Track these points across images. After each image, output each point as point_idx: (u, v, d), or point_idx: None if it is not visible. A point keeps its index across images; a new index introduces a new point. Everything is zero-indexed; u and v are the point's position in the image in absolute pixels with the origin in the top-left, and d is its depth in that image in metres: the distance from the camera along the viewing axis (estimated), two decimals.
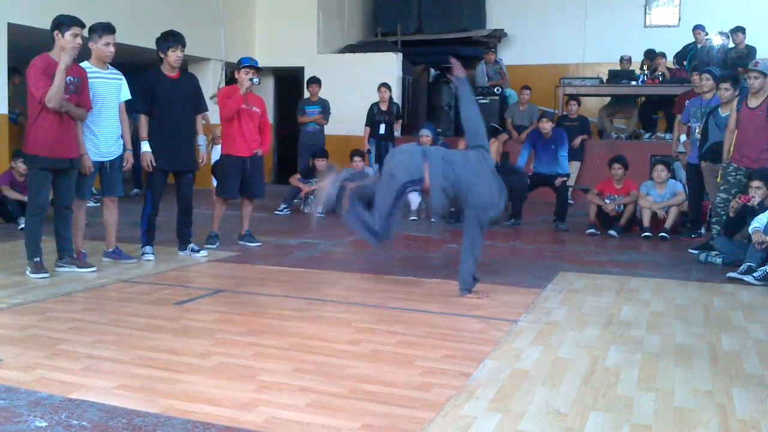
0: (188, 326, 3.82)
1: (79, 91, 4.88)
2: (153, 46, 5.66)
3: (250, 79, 6.10)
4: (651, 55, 11.56)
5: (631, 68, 11.70)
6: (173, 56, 5.51)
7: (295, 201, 9.09)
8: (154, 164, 5.51)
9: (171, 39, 5.52)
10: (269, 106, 12.65)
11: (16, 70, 8.87)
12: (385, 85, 10.08)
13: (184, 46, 5.55)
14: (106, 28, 5.16)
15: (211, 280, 5.11)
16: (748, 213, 5.66)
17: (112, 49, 5.17)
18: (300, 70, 12.13)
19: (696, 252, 6.21)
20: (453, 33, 13.45)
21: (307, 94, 10.31)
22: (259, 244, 6.46)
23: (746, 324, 4.04)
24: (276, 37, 12.61)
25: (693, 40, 11.17)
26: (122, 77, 5.40)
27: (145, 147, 5.50)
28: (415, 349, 3.46)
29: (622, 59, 11.77)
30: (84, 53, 5.18)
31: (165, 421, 2.55)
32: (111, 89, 5.26)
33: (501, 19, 13.70)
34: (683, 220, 7.46)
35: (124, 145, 5.41)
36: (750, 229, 5.38)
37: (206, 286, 4.84)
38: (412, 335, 3.72)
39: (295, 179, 9.15)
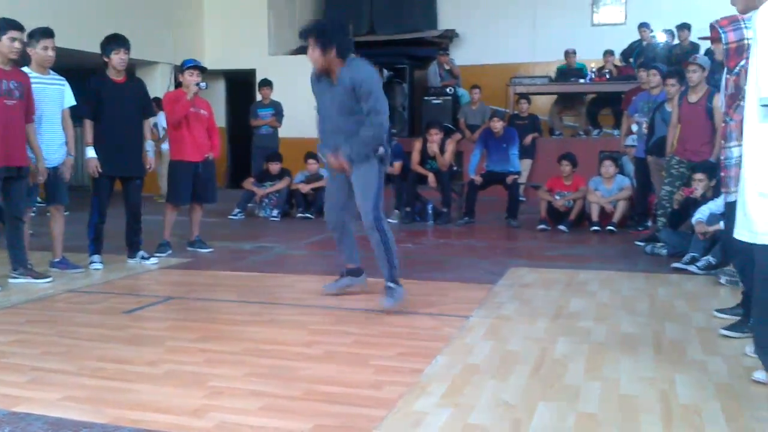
0: (138, 335, 3.77)
1: (24, 97, 4.78)
2: (99, 51, 5.57)
3: (197, 84, 6.04)
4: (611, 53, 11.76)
5: (578, 61, 11.86)
6: (116, 59, 5.44)
7: (249, 205, 9.04)
8: (100, 170, 5.42)
9: (113, 42, 5.45)
10: (220, 110, 12.58)
11: None
12: None
13: (127, 48, 5.48)
14: (45, 33, 5.08)
15: (162, 288, 5.05)
16: (691, 205, 5.82)
17: (51, 53, 5.09)
18: (251, 73, 12.06)
19: (642, 244, 6.36)
20: (405, 33, 13.52)
21: (259, 97, 10.25)
22: (211, 249, 6.39)
23: (690, 312, 4.15)
24: (226, 39, 12.51)
25: (639, 37, 11.43)
26: (65, 82, 5.31)
27: (90, 153, 5.41)
28: (369, 349, 3.48)
29: (567, 53, 11.92)
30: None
31: (113, 431, 2.52)
32: (52, 95, 5.16)
33: (452, 19, 13.81)
34: (631, 214, 7.64)
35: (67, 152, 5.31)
36: (693, 221, 5.53)
37: (157, 294, 4.78)
38: (367, 335, 3.73)
39: (249, 183, 9.09)
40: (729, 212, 3.43)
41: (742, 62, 3.61)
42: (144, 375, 3.11)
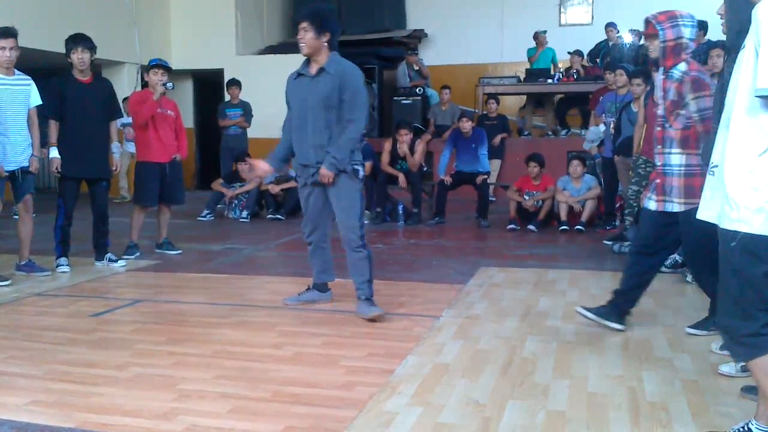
0: (105, 338, 3.72)
1: None
2: (64, 50, 5.51)
3: (164, 84, 5.97)
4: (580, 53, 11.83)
5: (549, 46, 11.91)
6: (75, 58, 5.39)
7: (218, 206, 8.97)
8: (60, 170, 5.35)
9: (71, 41, 5.41)
10: (188, 110, 12.44)
11: None
12: None
13: (87, 47, 5.41)
14: (2, 33, 5.00)
15: (130, 290, 4.99)
16: None
17: (8, 53, 5.00)
18: (219, 72, 11.95)
19: (610, 243, 6.44)
20: (374, 33, 13.51)
21: (227, 97, 10.18)
22: (180, 251, 6.33)
23: (657, 310, 4.22)
24: (193, 38, 12.38)
25: (605, 37, 11.57)
26: (31, 82, 5.21)
27: (53, 153, 5.35)
28: (339, 350, 3.48)
29: (536, 34, 11.89)
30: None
31: None
32: (17, 96, 5.07)
33: (421, 20, 13.85)
34: (598, 213, 7.73)
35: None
36: None
37: (124, 297, 4.72)
38: (337, 336, 3.73)
39: (218, 184, 9.01)
40: (684, 220, 3.46)
41: (681, 65, 3.63)
42: (112, 378, 3.08)
